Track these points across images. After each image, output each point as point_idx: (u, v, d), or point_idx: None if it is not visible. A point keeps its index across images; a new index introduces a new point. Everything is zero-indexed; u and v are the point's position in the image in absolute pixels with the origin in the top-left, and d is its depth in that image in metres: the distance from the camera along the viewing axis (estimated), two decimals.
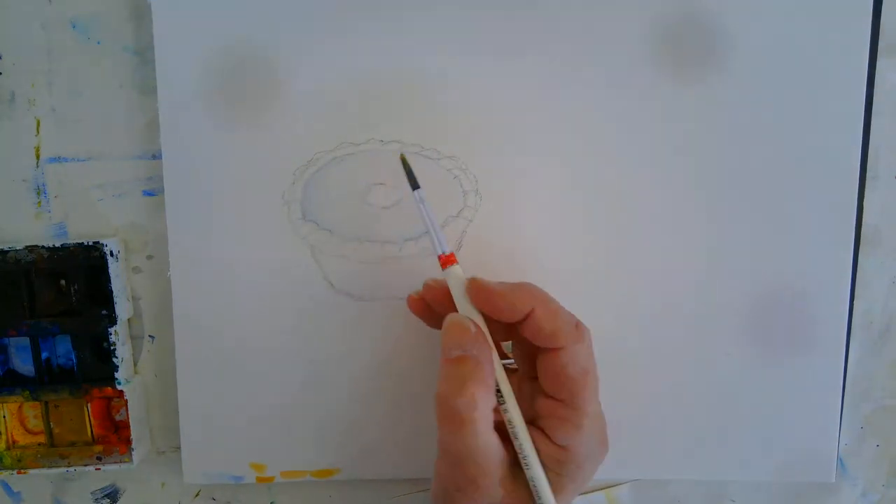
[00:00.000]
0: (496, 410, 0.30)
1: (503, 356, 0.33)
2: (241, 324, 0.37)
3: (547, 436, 0.30)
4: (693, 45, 0.36)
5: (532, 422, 0.31)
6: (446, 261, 0.31)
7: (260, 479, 0.39)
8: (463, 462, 0.29)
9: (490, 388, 0.30)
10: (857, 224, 0.37)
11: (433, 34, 0.36)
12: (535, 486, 0.30)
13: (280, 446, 0.38)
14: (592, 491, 0.40)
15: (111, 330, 0.37)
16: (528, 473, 0.30)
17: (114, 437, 0.39)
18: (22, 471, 0.38)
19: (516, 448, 0.30)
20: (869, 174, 0.38)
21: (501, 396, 0.30)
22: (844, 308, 0.37)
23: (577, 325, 0.30)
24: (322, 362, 0.38)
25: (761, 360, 0.38)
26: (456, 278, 0.31)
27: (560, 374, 0.30)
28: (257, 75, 0.36)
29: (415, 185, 0.33)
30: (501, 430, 0.30)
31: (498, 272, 0.34)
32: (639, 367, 0.38)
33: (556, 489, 0.30)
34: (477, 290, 0.30)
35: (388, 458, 0.38)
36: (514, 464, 0.30)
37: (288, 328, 0.37)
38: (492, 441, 0.29)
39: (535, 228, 0.37)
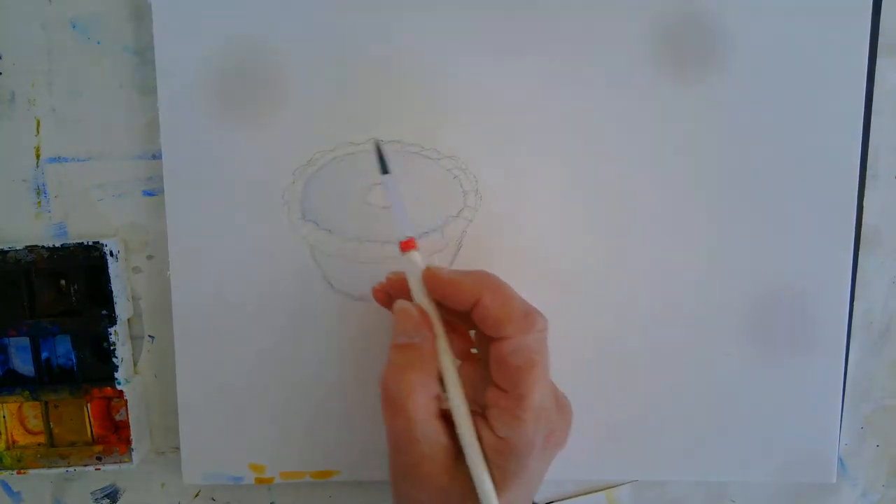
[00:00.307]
0: (440, 398, 0.30)
1: (471, 344, 0.33)
2: (240, 324, 0.37)
3: (490, 426, 0.30)
4: (693, 45, 0.36)
5: (482, 411, 0.30)
6: (405, 246, 0.32)
7: (259, 480, 0.39)
8: (404, 447, 0.30)
9: (430, 375, 0.30)
10: (857, 224, 0.37)
11: (433, 34, 0.36)
12: (473, 475, 0.29)
13: (279, 447, 0.38)
14: (592, 491, 0.40)
15: (111, 330, 0.37)
16: (468, 462, 0.29)
17: (114, 437, 0.39)
18: (22, 471, 0.38)
19: (459, 436, 0.30)
20: (869, 174, 0.38)
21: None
22: (844, 308, 0.37)
23: (528, 315, 0.29)
24: (321, 362, 0.38)
25: (761, 360, 0.38)
26: (413, 265, 0.31)
27: (504, 363, 0.29)
28: (257, 75, 0.36)
29: (385, 171, 0.32)
30: (450, 418, 0.30)
31: (498, 272, 0.34)
32: (639, 367, 0.38)
33: (498, 483, 0.29)
34: (429, 278, 0.31)
35: (388, 458, 0.38)
36: (459, 452, 0.30)
37: (287, 328, 0.37)
38: (433, 428, 0.30)
39: (535, 228, 0.37)
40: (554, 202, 0.37)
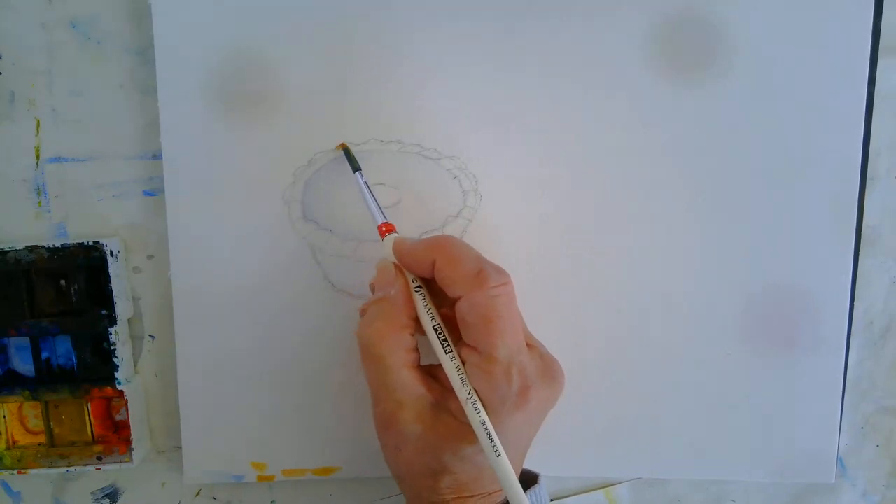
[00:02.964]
0: (416, 350, 0.32)
1: None
2: (241, 323, 0.37)
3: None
4: (694, 46, 0.36)
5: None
6: (385, 231, 0.33)
7: (261, 478, 0.39)
8: (381, 396, 0.31)
9: (402, 326, 0.31)
10: (857, 224, 0.37)
11: (433, 34, 0.36)
12: (485, 429, 0.29)
13: (280, 445, 0.38)
14: (592, 489, 0.40)
15: (111, 330, 0.37)
16: (477, 415, 0.29)
17: (114, 437, 0.39)
18: (22, 471, 0.38)
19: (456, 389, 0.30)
20: (869, 174, 0.38)
21: (446, 343, 0.31)
22: (844, 308, 0.37)
23: (479, 273, 0.30)
24: (322, 361, 0.38)
25: (761, 360, 0.38)
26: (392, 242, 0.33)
27: (463, 321, 0.30)
28: (257, 75, 0.36)
29: (355, 169, 0.35)
30: (429, 372, 0.32)
31: None
32: (639, 366, 0.38)
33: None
34: (396, 248, 0.32)
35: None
36: (438, 402, 0.31)
37: (288, 327, 0.37)
38: (406, 377, 0.31)
39: (534, 228, 0.37)
40: (554, 202, 0.37)
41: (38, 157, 0.38)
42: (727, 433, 0.38)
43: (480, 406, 0.29)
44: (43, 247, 0.36)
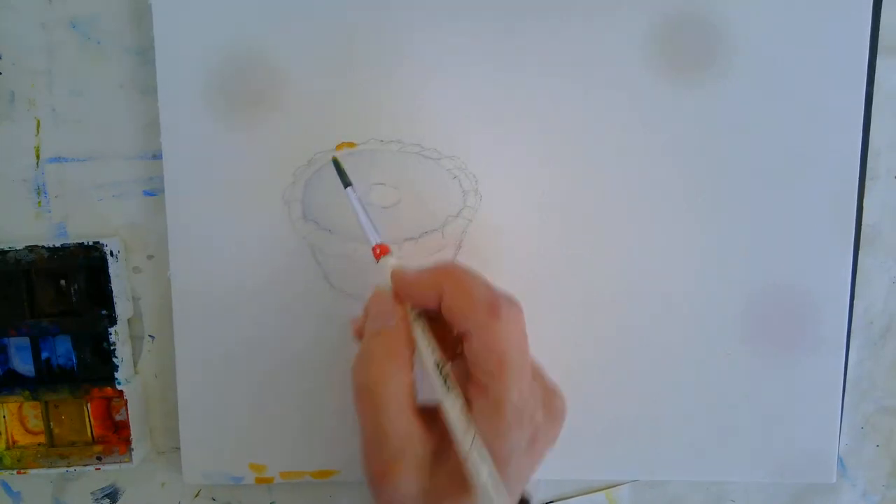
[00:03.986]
0: (414, 386, 0.29)
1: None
2: (240, 324, 0.37)
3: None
4: (693, 46, 0.36)
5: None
6: (380, 253, 0.32)
7: (259, 480, 0.39)
8: (376, 445, 0.28)
9: (403, 364, 0.28)
10: (857, 224, 0.37)
11: (433, 34, 0.36)
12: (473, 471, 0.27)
13: (280, 447, 0.38)
14: (592, 491, 0.40)
15: (111, 330, 0.37)
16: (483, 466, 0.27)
17: (114, 437, 0.39)
18: (22, 471, 0.38)
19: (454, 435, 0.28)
20: (869, 174, 0.38)
21: (448, 382, 0.28)
22: (844, 308, 0.37)
23: (492, 307, 0.27)
24: (322, 362, 0.38)
25: (761, 361, 0.38)
26: (388, 270, 0.31)
27: (471, 357, 0.28)
28: (257, 75, 0.36)
29: (346, 184, 0.34)
30: (428, 413, 0.29)
31: (497, 272, 0.34)
32: (639, 366, 0.38)
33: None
34: (396, 280, 0.30)
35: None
36: (438, 447, 0.28)
37: (288, 328, 0.37)
38: (407, 423, 0.28)
39: (535, 229, 0.37)
40: (554, 202, 0.37)
41: (38, 157, 0.38)
42: (727, 433, 0.38)
43: (486, 454, 0.27)
44: (43, 247, 0.36)
